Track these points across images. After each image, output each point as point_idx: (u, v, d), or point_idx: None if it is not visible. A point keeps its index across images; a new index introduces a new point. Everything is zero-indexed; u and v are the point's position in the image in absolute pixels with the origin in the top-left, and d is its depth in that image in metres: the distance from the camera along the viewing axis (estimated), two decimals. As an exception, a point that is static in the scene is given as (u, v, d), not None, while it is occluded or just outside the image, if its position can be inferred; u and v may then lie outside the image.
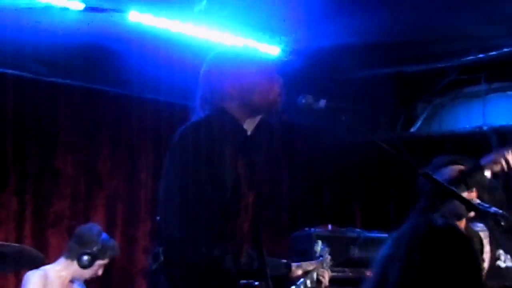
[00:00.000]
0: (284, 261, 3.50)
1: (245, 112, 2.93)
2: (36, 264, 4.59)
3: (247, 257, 2.95)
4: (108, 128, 6.39)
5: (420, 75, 6.84)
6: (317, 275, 3.57)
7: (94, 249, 4.84)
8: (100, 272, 4.98)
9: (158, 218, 2.81)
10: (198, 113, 2.94)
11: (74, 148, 6.15)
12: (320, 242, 4.00)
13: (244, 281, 2.87)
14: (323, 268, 3.65)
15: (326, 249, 3.91)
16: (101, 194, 6.24)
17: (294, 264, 3.47)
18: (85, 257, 4.80)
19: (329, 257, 3.84)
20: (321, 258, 3.78)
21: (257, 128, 2.98)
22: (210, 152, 2.74)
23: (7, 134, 5.81)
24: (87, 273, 4.91)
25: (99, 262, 4.90)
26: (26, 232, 5.75)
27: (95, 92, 6.20)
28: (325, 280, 3.63)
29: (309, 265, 3.57)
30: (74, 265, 4.85)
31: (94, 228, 5.03)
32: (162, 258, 2.68)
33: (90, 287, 5.69)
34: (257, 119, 2.98)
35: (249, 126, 2.96)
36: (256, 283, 2.95)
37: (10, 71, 5.70)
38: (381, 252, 1.95)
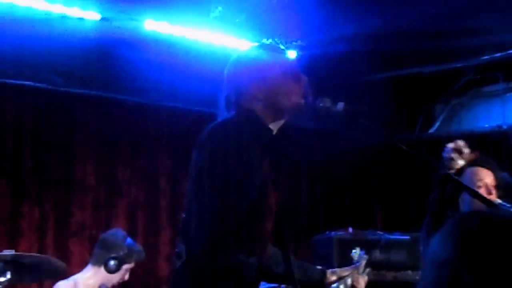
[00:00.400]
0: (319, 267, 3.47)
1: (270, 114, 2.91)
2: (59, 274, 4.61)
3: (272, 259, 2.94)
4: (126, 137, 6.41)
5: (438, 76, 6.81)
6: (352, 281, 3.54)
7: (121, 253, 4.85)
8: (127, 276, 4.99)
9: (184, 215, 2.80)
10: (223, 115, 2.92)
11: (93, 158, 6.18)
12: (358, 249, 3.95)
13: (270, 285, 2.87)
14: (358, 274, 3.61)
15: (365, 256, 3.87)
16: (121, 202, 6.27)
17: (329, 271, 3.45)
18: (112, 262, 4.81)
19: (364, 263, 3.80)
20: (357, 264, 3.74)
21: (280, 130, 2.97)
22: (239, 152, 2.71)
23: (26, 146, 5.85)
24: (115, 278, 4.92)
25: (126, 266, 4.91)
26: (48, 242, 5.79)
27: (112, 101, 6.23)
28: (361, 286, 3.59)
29: (344, 271, 3.54)
30: (102, 271, 4.86)
31: (119, 233, 5.05)
32: (185, 257, 2.68)
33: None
34: (282, 122, 2.97)
35: (274, 128, 2.95)
36: (283, 286, 2.94)
37: (27, 82, 5.73)
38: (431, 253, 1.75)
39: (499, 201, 3.66)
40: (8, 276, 4.10)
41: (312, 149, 7.39)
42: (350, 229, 5.74)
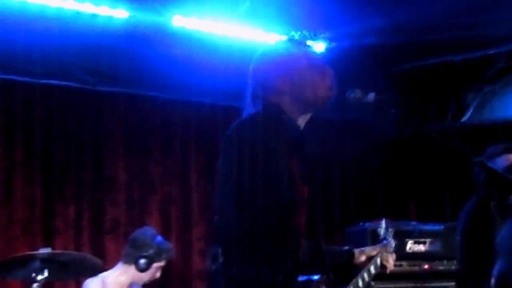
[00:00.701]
0: (346, 248, 3.46)
1: (297, 108, 2.91)
2: (96, 271, 4.65)
3: (305, 252, 2.92)
4: (157, 133, 6.44)
5: (469, 64, 6.75)
6: (381, 260, 3.51)
7: (150, 252, 4.88)
8: (158, 274, 5.02)
9: (215, 217, 2.80)
10: (249, 109, 2.92)
11: (125, 155, 6.22)
12: (383, 222, 3.93)
13: (304, 277, 2.85)
14: (387, 252, 3.58)
15: (390, 229, 3.84)
16: (154, 199, 6.30)
17: (357, 250, 3.42)
18: (142, 261, 4.84)
19: (393, 240, 3.77)
20: (385, 242, 3.72)
21: (308, 123, 2.96)
22: (267, 147, 2.69)
23: (56, 145, 5.90)
24: (145, 276, 4.95)
25: (156, 265, 4.94)
26: (84, 240, 5.84)
27: (141, 98, 6.26)
28: (390, 264, 3.56)
29: (372, 250, 3.51)
30: (132, 269, 4.90)
31: (148, 232, 5.08)
32: (221, 259, 2.67)
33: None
34: (309, 115, 2.96)
35: (301, 122, 2.94)
36: (316, 277, 2.93)
37: (56, 81, 5.77)
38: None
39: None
40: (46, 274, 4.15)
41: (343, 141, 7.36)
42: (384, 220, 5.70)
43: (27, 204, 5.68)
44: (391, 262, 3.56)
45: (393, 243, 3.75)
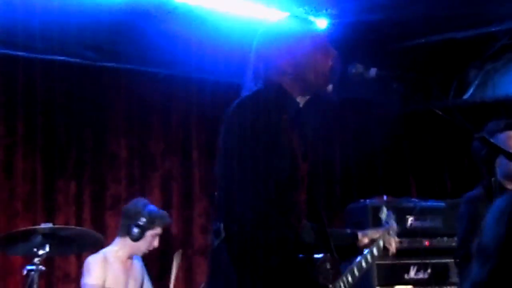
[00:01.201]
0: (349, 230, 3.47)
1: (298, 88, 2.91)
2: (96, 246, 4.67)
3: (309, 232, 2.93)
4: (158, 110, 6.43)
5: (471, 41, 6.72)
6: (384, 242, 3.52)
7: (142, 220, 4.92)
8: (155, 243, 5.03)
9: (216, 193, 2.80)
10: (250, 87, 2.92)
11: (126, 131, 6.22)
12: (385, 208, 3.94)
13: (305, 256, 2.86)
14: (389, 235, 3.60)
15: (392, 215, 3.85)
16: (155, 175, 6.31)
17: (360, 233, 3.43)
18: (135, 229, 4.89)
19: (395, 223, 3.79)
20: (387, 225, 3.73)
21: (309, 101, 2.96)
22: (268, 125, 2.71)
23: (58, 121, 5.90)
24: (142, 245, 4.97)
25: (151, 232, 4.96)
26: (85, 215, 5.85)
27: (142, 74, 6.23)
28: (392, 247, 3.57)
29: (375, 233, 3.52)
30: (128, 240, 4.92)
31: (140, 202, 5.11)
32: (223, 234, 2.67)
33: (149, 267, 5.78)
34: (308, 96, 2.96)
35: (301, 100, 2.94)
36: (319, 256, 2.94)
37: (57, 57, 5.75)
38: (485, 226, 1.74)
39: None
40: (47, 249, 4.17)
41: (344, 118, 7.35)
42: (385, 197, 5.71)
43: (28, 180, 5.69)
44: (393, 245, 3.57)
45: (395, 227, 3.76)
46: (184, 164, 6.46)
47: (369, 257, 3.40)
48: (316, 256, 2.89)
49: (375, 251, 3.45)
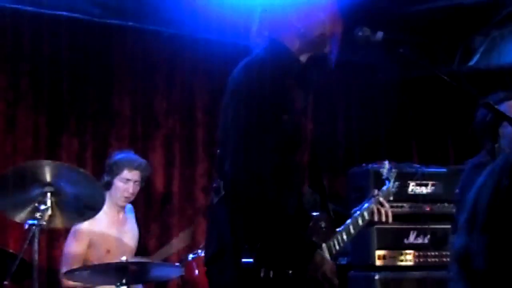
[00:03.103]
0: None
1: (301, 46, 2.92)
2: (96, 208, 4.65)
3: (307, 192, 2.95)
4: (163, 69, 6.41)
5: (478, 7, 6.67)
6: (371, 213, 3.46)
7: (108, 168, 4.93)
8: (130, 189, 5.00)
9: (218, 151, 2.82)
10: (255, 45, 2.93)
11: (130, 89, 6.21)
12: (386, 163, 3.91)
13: (301, 213, 2.88)
14: (381, 204, 3.55)
15: (393, 170, 3.83)
16: (158, 134, 6.31)
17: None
18: (105, 178, 4.92)
19: (394, 182, 3.77)
20: (387, 183, 3.72)
21: (310, 58, 2.96)
22: (274, 87, 2.73)
23: (63, 77, 5.89)
24: (114, 192, 4.97)
25: (118, 177, 4.96)
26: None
27: (148, 32, 6.21)
28: (382, 215, 3.52)
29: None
30: (107, 194, 4.91)
31: (115, 154, 5.12)
32: (223, 192, 2.70)
33: (150, 226, 5.81)
34: (309, 53, 2.96)
35: (303, 58, 2.95)
36: (315, 214, 2.96)
37: (63, 12, 5.72)
38: (476, 184, 1.74)
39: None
40: (48, 203, 4.13)
41: (348, 82, 7.33)
42: (387, 162, 5.71)
43: (31, 135, 5.70)
44: (383, 212, 3.48)
45: (393, 186, 3.74)
46: (187, 124, 6.46)
47: (365, 214, 3.36)
48: (311, 214, 2.92)
49: (366, 214, 3.40)
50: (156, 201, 6.21)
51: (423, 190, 5.64)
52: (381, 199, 3.44)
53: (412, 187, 5.62)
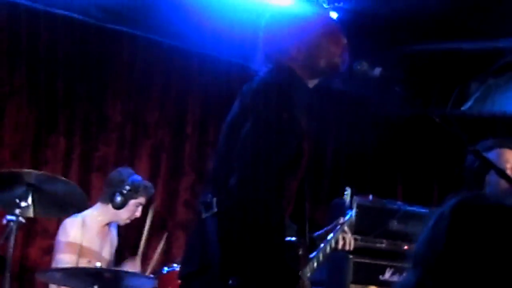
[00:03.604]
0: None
1: (307, 73, 2.92)
2: (80, 207, 4.65)
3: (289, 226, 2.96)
4: (159, 79, 6.41)
5: (477, 54, 6.72)
6: (336, 240, 3.55)
7: (126, 188, 4.90)
8: (138, 213, 5.03)
9: (212, 166, 2.80)
10: (263, 69, 2.92)
11: (123, 95, 6.20)
12: (349, 191, 3.96)
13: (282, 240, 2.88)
14: (345, 231, 3.62)
15: (354, 197, 3.89)
16: (146, 143, 6.29)
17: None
18: (118, 198, 4.87)
19: (354, 211, 3.82)
20: (349, 211, 3.78)
21: (318, 86, 2.98)
22: (283, 111, 2.73)
23: (58, 76, 5.88)
24: (123, 214, 4.97)
25: (133, 201, 4.96)
26: (71, 173, 5.83)
27: (148, 41, 6.22)
28: (346, 244, 3.59)
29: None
30: (110, 208, 4.91)
31: (124, 171, 5.11)
32: (215, 209, 2.67)
33: (128, 235, 5.78)
34: (316, 81, 2.97)
35: (310, 83, 2.95)
36: (294, 240, 2.96)
37: (62, 11, 5.73)
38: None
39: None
40: (29, 201, 4.13)
41: (342, 112, 7.35)
42: (371, 197, 5.72)
43: (20, 130, 5.67)
44: (347, 241, 3.59)
45: (353, 216, 3.81)
46: (176, 137, 6.45)
47: (333, 242, 3.43)
48: (291, 240, 2.92)
49: (328, 249, 3.48)
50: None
51: (403, 228, 5.64)
52: (346, 228, 3.51)
53: (393, 224, 5.63)
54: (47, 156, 5.74)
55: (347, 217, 3.76)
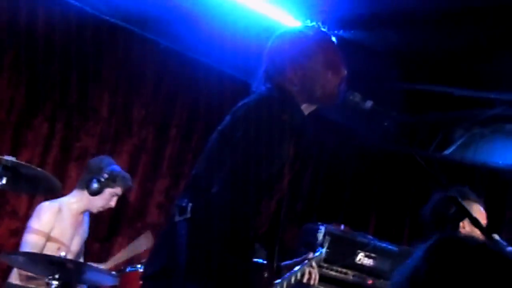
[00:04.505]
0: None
1: (303, 98, 2.93)
2: (54, 192, 4.62)
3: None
4: (149, 78, 6.39)
5: (467, 100, 6.77)
6: (302, 274, 3.59)
7: (104, 176, 4.89)
8: (112, 203, 5.01)
9: (194, 172, 2.79)
10: (260, 86, 2.93)
11: (113, 90, 6.18)
12: (323, 229, 4.00)
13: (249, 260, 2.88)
14: (312, 266, 3.66)
15: (327, 237, 3.92)
16: (129, 141, 6.27)
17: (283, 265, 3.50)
18: (94, 184, 4.86)
19: (324, 250, 3.85)
20: (320, 249, 3.80)
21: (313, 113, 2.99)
22: (272, 130, 2.72)
23: (51, 61, 5.84)
24: (98, 201, 4.95)
25: (110, 190, 4.94)
26: (49, 159, 5.80)
27: (144, 39, 6.22)
28: (311, 279, 3.64)
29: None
30: (85, 194, 4.89)
31: (105, 159, 5.10)
32: (189, 214, 2.67)
33: (98, 233, 5.76)
34: (312, 108, 2.98)
35: (306, 109, 2.96)
36: (260, 262, 2.97)
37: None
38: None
39: (497, 237, 3.67)
40: (3, 181, 4.12)
41: (326, 138, 7.37)
42: (342, 226, 5.75)
43: (3, 109, 5.63)
44: (313, 277, 3.64)
45: (325, 253, 3.84)
46: (159, 138, 6.44)
47: (298, 274, 3.48)
48: (259, 261, 2.92)
49: (292, 280, 3.53)
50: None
51: (371, 262, 5.67)
52: (313, 263, 3.55)
53: (361, 257, 5.65)
54: (28, 138, 5.71)
55: (317, 253, 3.80)
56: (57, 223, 4.82)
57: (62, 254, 4.34)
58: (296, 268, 3.55)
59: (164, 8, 5.79)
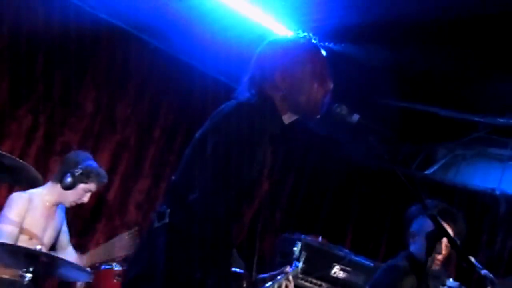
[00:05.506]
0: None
1: (286, 107, 2.92)
2: (33, 184, 4.59)
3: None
4: (136, 77, 6.38)
5: (452, 122, 6.81)
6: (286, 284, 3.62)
7: (78, 170, 4.85)
8: (85, 199, 4.97)
9: (174, 178, 2.79)
10: (243, 92, 2.92)
11: (99, 86, 6.16)
12: (300, 244, 4.01)
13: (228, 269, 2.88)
14: (289, 280, 3.68)
15: (303, 253, 3.93)
16: (112, 138, 6.25)
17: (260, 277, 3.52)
18: (68, 179, 4.82)
19: (300, 265, 3.87)
20: (296, 263, 3.82)
21: (294, 122, 2.97)
22: (250, 136, 2.71)
23: (39, 53, 5.80)
24: (71, 196, 4.90)
25: (83, 186, 4.90)
26: (31, 152, 5.76)
27: (133, 38, 6.22)
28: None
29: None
30: (58, 187, 4.85)
31: (82, 154, 5.06)
32: (167, 219, 2.66)
33: (76, 228, 5.72)
34: (295, 117, 2.97)
35: (287, 118, 2.95)
36: (239, 272, 2.96)
37: None
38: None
39: (473, 259, 3.69)
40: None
41: (309, 150, 7.38)
42: (320, 238, 5.76)
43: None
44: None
45: (299, 268, 3.86)
46: (143, 138, 6.42)
47: (275, 286, 3.49)
48: (237, 271, 2.91)
49: (276, 287, 3.54)
50: (89, 202, 6.13)
51: (345, 275, 5.68)
52: (290, 277, 3.55)
53: (336, 270, 5.66)
54: (10, 129, 5.66)
55: (293, 267, 3.80)
56: (28, 213, 4.78)
57: (38, 247, 4.31)
58: (273, 281, 3.55)
59: (155, 8, 5.79)
